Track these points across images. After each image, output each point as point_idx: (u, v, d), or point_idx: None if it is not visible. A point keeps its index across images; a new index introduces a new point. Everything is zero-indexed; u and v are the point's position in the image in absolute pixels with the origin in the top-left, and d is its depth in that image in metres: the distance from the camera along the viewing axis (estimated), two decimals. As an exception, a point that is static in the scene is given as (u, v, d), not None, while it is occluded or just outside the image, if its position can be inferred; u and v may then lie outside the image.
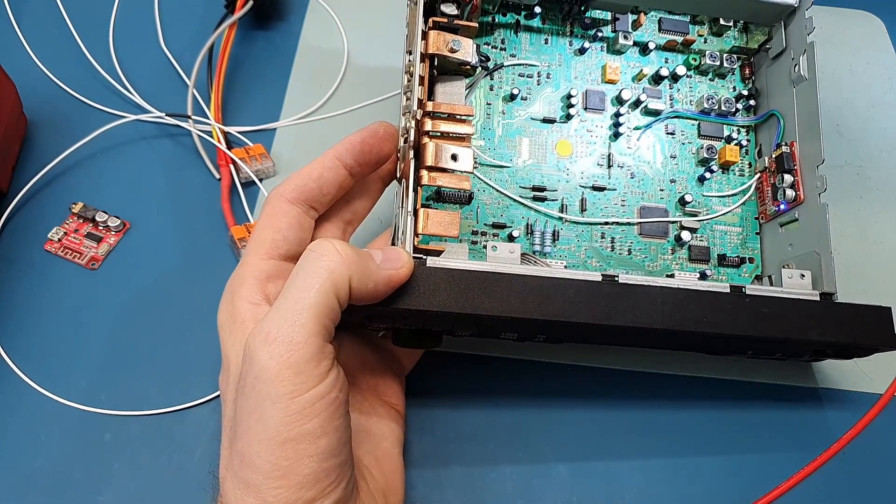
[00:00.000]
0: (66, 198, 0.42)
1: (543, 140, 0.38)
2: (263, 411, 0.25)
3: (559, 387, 0.39)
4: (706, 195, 0.39)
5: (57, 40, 0.48)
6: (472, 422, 0.38)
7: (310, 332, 0.25)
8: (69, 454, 0.35)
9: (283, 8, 0.50)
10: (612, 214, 0.38)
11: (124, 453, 0.36)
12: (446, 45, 0.33)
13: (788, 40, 0.38)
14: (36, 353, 0.38)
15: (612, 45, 0.40)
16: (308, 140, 0.45)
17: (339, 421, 0.26)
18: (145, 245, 0.41)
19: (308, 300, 0.26)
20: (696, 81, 0.41)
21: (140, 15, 0.49)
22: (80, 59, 0.47)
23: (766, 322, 0.32)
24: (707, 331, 0.31)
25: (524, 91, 0.39)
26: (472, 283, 0.30)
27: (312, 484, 0.26)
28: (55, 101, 0.45)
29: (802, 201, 0.36)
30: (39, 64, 0.47)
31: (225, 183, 0.42)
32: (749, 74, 0.41)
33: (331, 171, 0.32)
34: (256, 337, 0.25)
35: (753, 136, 0.41)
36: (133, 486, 0.35)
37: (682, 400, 0.39)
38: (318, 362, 0.26)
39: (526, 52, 0.39)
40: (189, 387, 0.37)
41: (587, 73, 0.39)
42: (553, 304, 0.30)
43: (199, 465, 0.36)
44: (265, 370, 0.25)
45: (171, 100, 0.45)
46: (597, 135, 0.39)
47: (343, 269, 0.26)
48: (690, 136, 0.40)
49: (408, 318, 0.30)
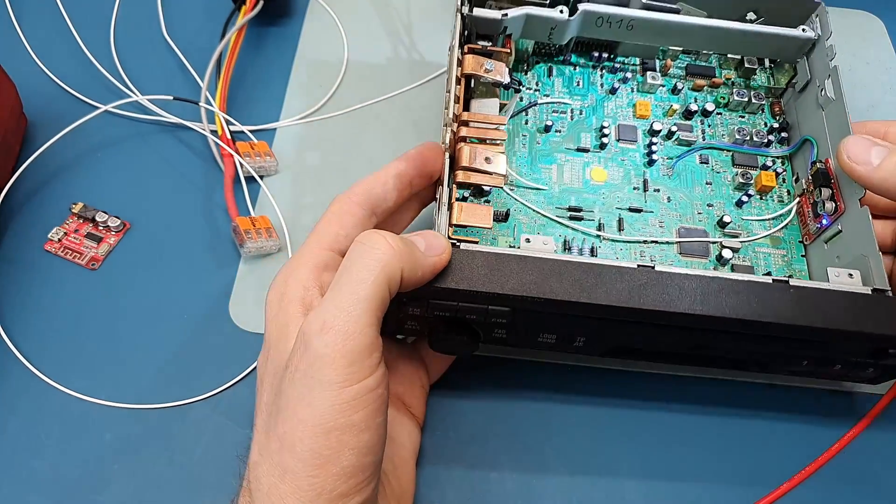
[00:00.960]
0: (66, 198, 0.42)
1: (578, 167, 0.40)
2: (313, 398, 0.26)
3: (560, 387, 0.38)
4: (745, 218, 0.39)
5: (57, 40, 0.48)
6: (473, 422, 0.37)
7: (365, 324, 0.26)
8: (69, 454, 0.35)
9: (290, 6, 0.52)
10: (650, 235, 0.38)
11: (124, 453, 0.36)
12: (481, 66, 0.36)
13: (812, 71, 0.40)
14: (36, 354, 0.38)
15: (642, 87, 0.42)
16: (308, 140, 0.46)
17: (381, 418, 0.27)
18: (145, 245, 0.42)
19: (363, 292, 0.26)
20: (727, 118, 0.42)
21: (140, 14, 0.50)
22: (81, 59, 0.48)
23: (814, 312, 0.31)
24: (748, 318, 0.30)
25: (558, 125, 0.41)
26: (505, 265, 0.30)
27: (348, 477, 0.26)
28: (55, 100, 0.46)
29: (843, 211, 0.36)
30: (40, 64, 0.47)
31: (228, 174, 0.42)
32: (779, 111, 0.42)
33: (395, 180, 0.34)
34: (312, 324, 0.26)
35: (789, 166, 0.41)
36: (133, 486, 0.35)
37: (682, 400, 0.39)
38: (370, 353, 0.26)
39: (559, 93, 0.42)
40: (189, 385, 0.37)
41: (618, 111, 0.42)
42: (586, 286, 0.30)
43: (199, 465, 0.35)
44: (319, 357, 0.26)
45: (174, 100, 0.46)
46: (630, 163, 0.40)
47: (396, 261, 0.27)
48: (724, 164, 0.41)
49: (442, 297, 0.30)
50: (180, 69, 0.48)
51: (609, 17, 0.39)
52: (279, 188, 0.44)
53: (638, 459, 0.37)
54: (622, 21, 0.39)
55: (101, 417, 0.36)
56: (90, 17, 0.50)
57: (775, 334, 0.31)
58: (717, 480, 0.37)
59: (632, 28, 0.40)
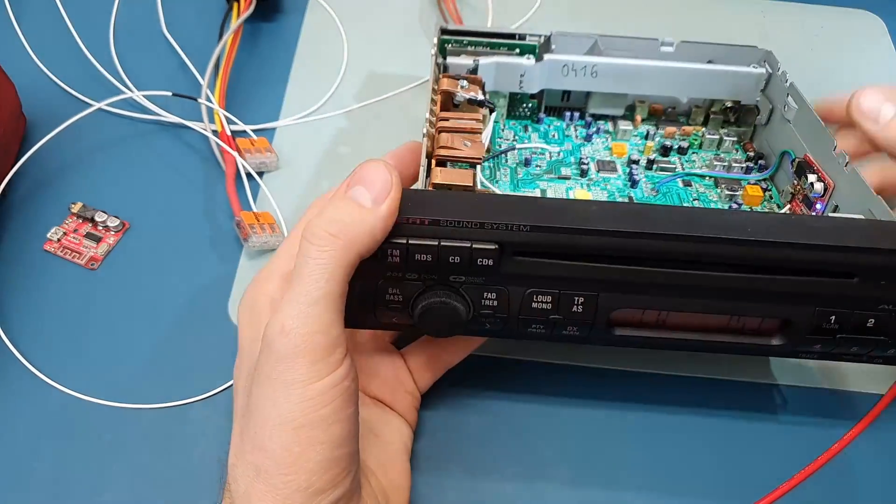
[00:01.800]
0: (65, 197, 0.42)
1: (561, 191, 0.40)
2: (279, 397, 0.26)
3: (561, 387, 0.38)
4: (739, 224, 0.38)
5: (57, 39, 0.49)
6: (473, 422, 0.37)
7: (325, 322, 0.26)
8: (69, 454, 0.35)
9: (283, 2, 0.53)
10: (642, 239, 0.37)
11: (124, 453, 0.35)
12: (457, 85, 0.38)
13: (772, 100, 0.42)
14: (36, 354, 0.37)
15: (616, 136, 0.44)
16: (308, 140, 0.46)
17: (351, 409, 0.27)
18: (145, 245, 0.41)
19: (318, 292, 0.26)
20: (703, 156, 0.43)
21: (140, 14, 0.51)
22: (81, 59, 0.48)
23: (822, 232, 0.28)
24: (752, 238, 0.28)
25: (538, 161, 0.42)
26: (490, 202, 0.29)
27: (323, 472, 0.26)
28: (55, 100, 0.47)
29: (833, 186, 0.35)
30: (39, 64, 0.48)
31: (230, 171, 0.42)
32: (751, 149, 0.44)
33: None
34: (273, 327, 0.26)
35: (773, 187, 0.41)
36: (133, 486, 0.34)
37: (683, 401, 0.38)
38: (333, 350, 0.26)
39: (536, 143, 0.43)
40: (189, 384, 0.36)
41: (595, 153, 0.43)
42: (573, 214, 0.28)
43: (199, 465, 0.35)
44: (282, 359, 0.26)
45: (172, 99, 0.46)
46: (613, 186, 0.40)
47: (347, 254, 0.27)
48: (708, 187, 0.41)
49: (421, 235, 0.28)
50: (181, 68, 0.49)
51: (573, 65, 0.42)
52: (280, 184, 0.44)
53: (639, 461, 0.36)
54: (585, 68, 0.43)
55: (101, 417, 0.36)
56: (90, 16, 0.51)
57: (788, 261, 0.29)
58: (718, 480, 0.36)
59: (595, 75, 0.43)
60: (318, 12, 0.54)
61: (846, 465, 0.36)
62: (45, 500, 0.33)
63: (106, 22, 0.52)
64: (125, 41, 0.51)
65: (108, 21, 0.52)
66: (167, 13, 0.52)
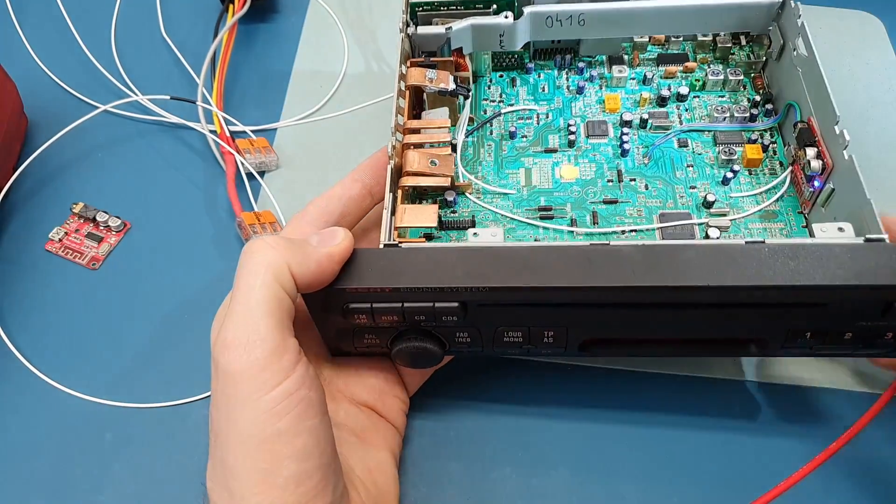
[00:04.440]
0: (66, 198, 0.43)
1: (547, 168, 0.38)
2: (234, 415, 0.25)
3: (560, 387, 0.38)
4: (734, 195, 0.36)
5: (57, 40, 0.50)
6: (473, 421, 0.36)
7: (265, 329, 0.26)
8: (69, 453, 0.35)
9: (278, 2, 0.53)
10: (628, 225, 0.36)
11: (124, 453, 0.35)
12: (423, 76, 0.36)
13: (784, 34, 0.38)
14: (36, 354, 0.38)
15: (610, 83, 0.41)
16: (309, 140, 0.46)
17: (314, 421, 0.26)
18: (146, 245, 0.42)
19: (255, 298, 0.26)
20: (705, 100, 0.40)
21: (140, 14, 0.51)
22: (81, 59, 0.49)
23: (798, 272, 0.27)
24: (720, 284, 0.27)
25: (524, 131, 0.40)
26: (448, 259, 0.29)
27: (295, 487, 0.25)
28: (56, 100, 0.47)
29: (832, 167, 0.33)
30: (40, 63, 0.48)
31: (230, 172, 0.43)
32: (762, 85, 0.40)
33: (351, 191, 0.34)
34: (216, 346, 0.26)
35: (779, 137, 0.38)
36: (133, 486, 0.34)
37: (682, 400, 0.38)
38: (280, 356, 0.26)
39: (524, 102, 0.41)
40: (189, 384, 0.37)
41: (587, 109, 0.40)
42: (534, 270, 0.28)
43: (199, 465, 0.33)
44: (229, 375, 0.26)
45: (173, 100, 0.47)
46: (602, 157, 0.38)
47: (279, 258, 0.27)
48: (706, 145, 0.38)
49: (386, 299, 0.29)
50: (179, 69, 0.50)
51: (557, 15, 0.38)
52: (281, 184, 0.45)
53: (638, 459, 0.36)
54: (572, 17, 0.38)
55: (101, 417, 0.36)
56: (91, 16, 0.51)
57: (752, 301, 0.28)
58: (716, 480, 0.35)
59: (583, 23, 0.39)
60: (318, 12, 0.53)
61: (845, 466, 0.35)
62: (45, 500, 0.34)
63: (107, 23, 0.51)
64: (126, 42, 0.51)
65: (110, 22, 0.51)
66: (166, 15, 0.52)
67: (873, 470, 0.35)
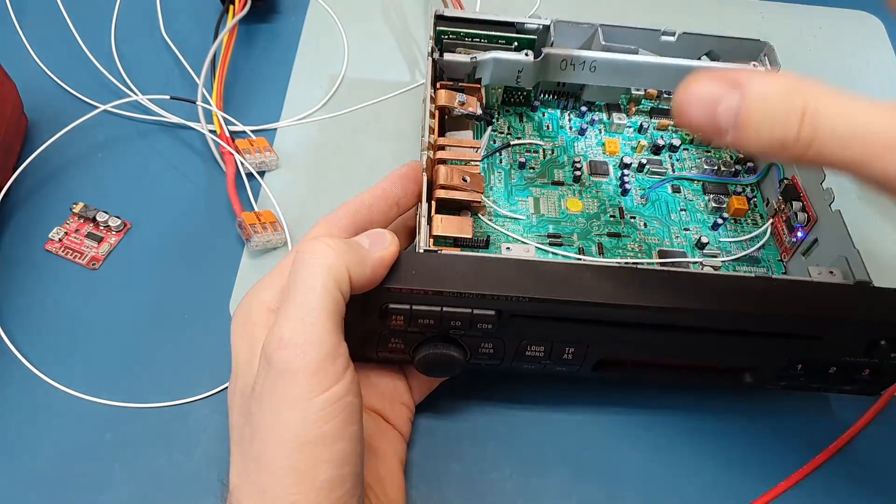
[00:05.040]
0: (66, 198, 0.43)
1: (554, 199, 0.40)
2: (281, 414, 0.25)
3: (559, 387, 0.38)
4: (722, 240, 0.40)
5: (57, 39, 0.49)
6: (472, 421, 0.37)
7: (322, 331, 0.26)
8: (69, 454, 0.35)
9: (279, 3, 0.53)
10: (630, 258, 0.38)
11: (124, 453, 0.35)
12: (454, 99, 0.37)
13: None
14: (36, 354, 0.38)
15: (609, 128, 0.44)
16: (309, 140, 0.46)
17: (355, 427, 0.27)
18: (146, 245, 0.42)
19: (314, 301, 0.26)
20: (693, 153, 0.44)
21: (140, 14, 0.51)
22: (81, 59, 0.48)
23: (801, 302, 0.30)
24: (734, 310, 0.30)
25: (531, 162, 0.42)
26: (488, 267, 0.30)
27: (329, 491, 0.25)
28: (56, 100, 0.47)
29: (816, 220, 0.37)
30: (40, 63, 0.48)
31: (230, 172, 0.43)
32: (742, 145, 0.44)
33: (381, 201, 0.35)
34: (271, 342, 0.26)
35: (759, 193, 0.42)
36: (133, 486, 0.34)
37: (682, 400, 0.38)
38: (334, 360, 0.26)
39: (530, 136, 0.43)
40: (190, 383, 0.37)
41: (588, 149, 0.43)
42: (570, 285, 0.30)
43: (199, 465, 0.35)
44: (282, 373, 0.26)
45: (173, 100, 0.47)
46: (605, 194, 0.41)
47: (340, 262, 0.27)
48: (696, 193, 0.42)
49: (426, 302, 0.30)
50: (179, 69, 0.49)
51: (572, 59, 0.41)
52: (281, 184, 0.44)
53: (637, 459, 0.36)
54: (584, 63, 0.41)
55: (101, 417, 0.36)
56: (91, 16, 0.51)
57: (762, 329, 0.31)
58: (716, 481, 0.36)
59: (594, 69, 0.42)
60: (318, 12, 0.53)
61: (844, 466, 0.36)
62: (46, 500, 0.34)
63: (107, 23, 0.51)
64: (126, 42, 0.50)
65: (110, 22, 0.51)
66: (166, 15, 0.52)
67: (873, 470, 0.36)
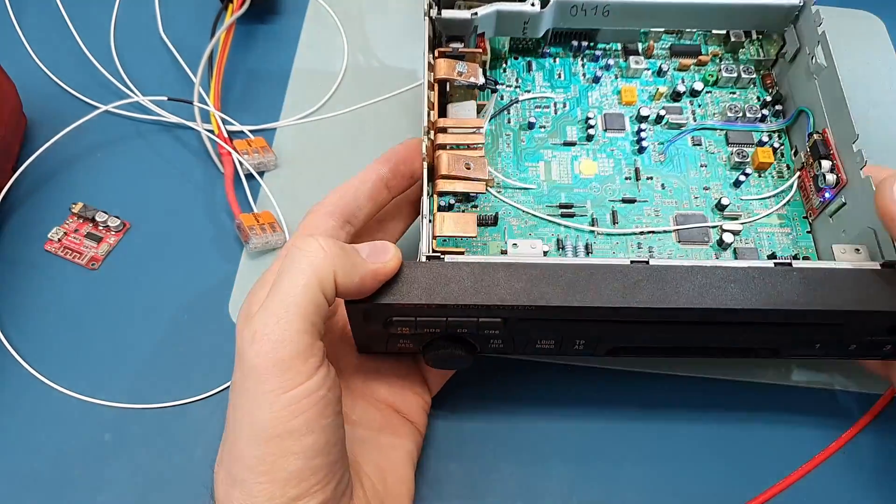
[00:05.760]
0: (65, 198, 0.43)
1: (566, 162, 0.38)
2: (251, 407, 0.26)
3: (559, 386, 0.38)
4: (744, 199, 0.38)
5: (57, 40, 0.49)
6: (472, 421, 0.37)
7: (296, 330, 0.26)
8: (69, 454, 0.35)
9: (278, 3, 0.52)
10: (646, 225, 0.37)
11: (124, 453, 0.36)
12: (453, 69, 0.35)
13: (801, 38, 0.38)
14: (36, 354, 0.38)
15: (626, 72, 0.41)
16: (309, 140, 0.46)
17: (329, 420, 0.27)
18: (145, 245, 0.42)
19: (293, 298, 0.26)
20: (717, 96, 0.41)
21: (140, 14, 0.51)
22: (81, 59, 0.48)
23: (822, 295, 0.29)
24: (751, 307, 0.29)
25: (542, 121, 0.39)
26: (491, 275, 0.29)
27: (298, 482, 0.26)
28: (55, 100, 0.46)
29: (846, 183, 0.34)
30: (39, 63, 0.48)
31: (228, 172, 0.42)
32: (771, 83, 0.41)
33: (367, 184, 0.34)
34: (244, 335, 0.26)
35: (786, 139, 0.39)
36: (133, 486, 0.35)
37: (681, 400, 0.38)
38: (305, 359, 0.26)
39: (540, 88, 0.41)
40: (189, 384, 0.37)
41: (603, 99, 0.40)
42: (578, 288, 0.29)
43: (199, 465, 0.35)
44: (252, 368, 0.26)
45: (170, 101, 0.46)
46: (620, 152, 0.39)
47: (327, 264, 0.27)
48: (718, 144, 0.39)
49: (430, 314, 0.29)
50: (178, 69, 0.48)
51: (583, 5, 0.38)
52: (280, 184, 0.44)
53: (638, 459, 0.37)
54: (597, 7, 0.38)
55: (101, 417, 0.37)
56: (90, 16, 0.50)
57: (782, 321, 0.30)
58: (717, 479, 0.36)
59: (608, 14, 0.38)
60: (318, 12, 0.52)
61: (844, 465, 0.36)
62: (45, 500, 0.34)
63: (106, 22, 0.50)
64: (125, 42, 0.50)
65: (109, 21, 0.50)
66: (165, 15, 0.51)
67: (873, 470, 0.36)
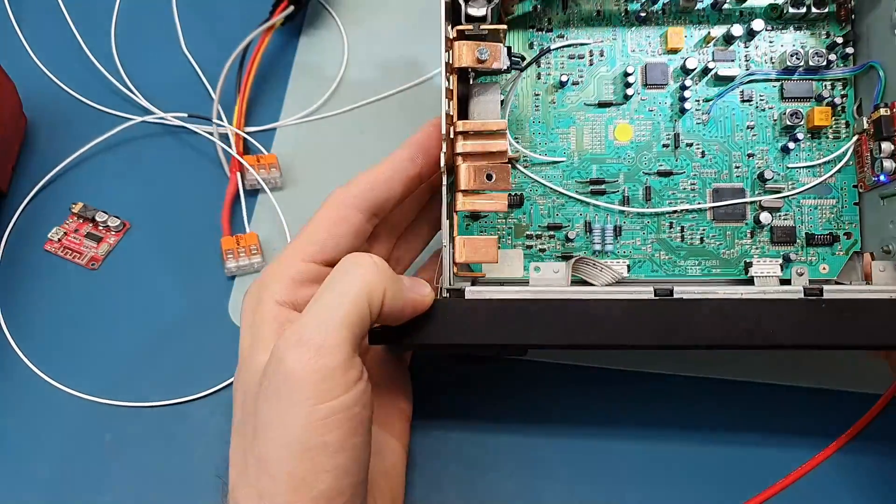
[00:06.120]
0: (66, 198, 0.43)
1: (600, 126, 0.35)
2: (286, 415, 0.25)
3: (559, 387, 0.38)
4: (791, 167, 0.35)
5: (57, 40, 0.48)
6: (472, 422, 0.37)
7: (341, 339, 0.25)
8: (69, 454, 0.36)
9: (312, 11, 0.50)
10: (680, 200, 0.35)
11: (124, 453, 0.36)
12: (474, 55, 0.31)
13: (890, -26, 0.32)
14: (36, 354, 0.39)
15: (676, 5, 0.36)
16: (308, 140, 0.45)
17: (359, 439, 0.26)
18: (145, 245, 0.42)
19: (343, 308, 0.26)
20: (779, 33, 0.36)
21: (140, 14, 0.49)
22: (81, 59, 0.47)
23: (847, 329, 0.29)
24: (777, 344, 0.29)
25: (575, 75, 0.36)
26: (512, 313, 0.29)
27: (327, 501, 0.25)
28: (55, 100, 0.46)
29: (905, 174, 0.32)
30: (39, 64, 0.47)
31: (230, 189, 0.42)
32: (845, 16, 0.35)
33: (401, 174, 0.32)
34: (289, 339, 0.25)
35: (851, 91, 0.35)
36: (133, 486, 0.35)
37: (682, 400, 0.38)
38: (346, 371, 0.25)
39: (575, 31, 0.36)
40: (189, 384, 0.38)
41: (646, 45, 0.36)
42: (599, 328, 0.29)
43: (199, 465, 0.36)
44: (292, 373, 0.25)
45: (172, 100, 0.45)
46: (660, 113, 0.35)
47: (379, 281, 0.27)
48: (771, 99, 0.35)
49: (451, 349, 0.30)
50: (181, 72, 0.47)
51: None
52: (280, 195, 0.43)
53: (637, 459, 0.37)
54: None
55: (101, 417, 0.37)
56: (91, 16, 0.49)
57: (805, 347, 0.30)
58: (717, 479, 0.36)
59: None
60: (318, 12, 0.50)
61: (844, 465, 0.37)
62: (46, 500, 0.35)
63: (107, 22, 0.49)
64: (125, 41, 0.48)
65: (110, 21, 0.49)
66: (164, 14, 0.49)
67: (873, 470, 0.36)
